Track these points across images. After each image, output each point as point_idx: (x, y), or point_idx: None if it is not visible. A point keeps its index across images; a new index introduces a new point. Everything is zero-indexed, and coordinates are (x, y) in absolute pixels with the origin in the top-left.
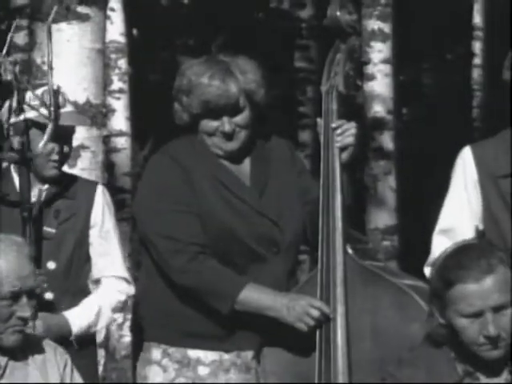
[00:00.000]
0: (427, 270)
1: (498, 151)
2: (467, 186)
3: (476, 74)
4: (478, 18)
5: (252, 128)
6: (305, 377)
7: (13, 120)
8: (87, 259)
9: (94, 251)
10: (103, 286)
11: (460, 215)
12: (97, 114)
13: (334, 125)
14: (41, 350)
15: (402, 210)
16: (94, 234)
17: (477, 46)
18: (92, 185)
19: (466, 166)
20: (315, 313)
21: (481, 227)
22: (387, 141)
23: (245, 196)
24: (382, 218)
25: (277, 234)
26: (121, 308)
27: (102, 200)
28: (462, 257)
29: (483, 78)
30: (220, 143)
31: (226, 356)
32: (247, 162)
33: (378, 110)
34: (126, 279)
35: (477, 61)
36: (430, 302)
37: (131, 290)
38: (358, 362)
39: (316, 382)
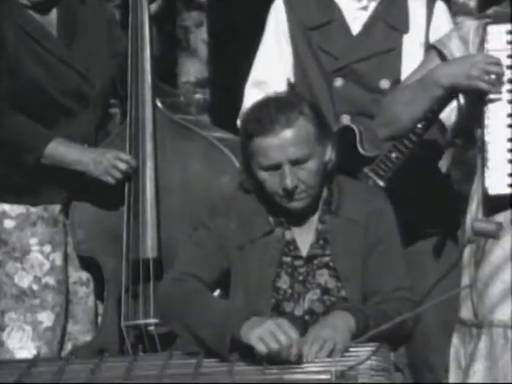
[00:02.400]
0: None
1: (308, 2)
2: (279, 38)
3: None
4: None
5: None
6: (112, 230)
7: None
8: None
9: None
10: None
11: (272, 67)
12: None
13: None
14: None
15: (213, 62)
16: None
17: None
18: None
19: (278, 17)
20: (122, 166)
21: (292, 80)
22: None
23: (52, 47)
24: (194, 71)
25: (85, 86)
26: None
27: None
28: (262, 110)
29: None
30: None
31: (32, 209)
32: (54, 13)
33: None
34: None
35: None
36: (241, 154)
37: None
38: (167, 216)
39: (124, 234)
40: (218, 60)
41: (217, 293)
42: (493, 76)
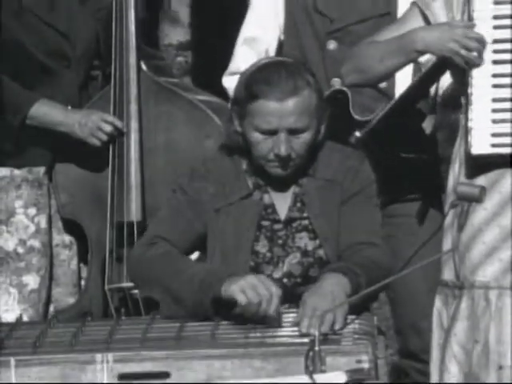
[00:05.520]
0: (226, 79)
1: None
2: None
3: None
4: None
5: None
6: (97, 192)
7: None
8: None
9: None
10: None
11: (264, 25)
12: None
13: None
14: None
15: (196, 25)
16: None
17: None
18: None
19: None
20: (107, 128)
21: (282, 38)
22: None
23: (33, 7)
24: (176, 34)
25: (67, 47)
26: None
27: None
28: (271, 72)
29: None
30: None
31: (17, 172)
32: None
33: None
34: None
35: None
36: (231, 108)
37: None
38: (151, 179)
39: (109, 197)
40: (200, 23)
41: (195, 255)
42: (474, 53)
